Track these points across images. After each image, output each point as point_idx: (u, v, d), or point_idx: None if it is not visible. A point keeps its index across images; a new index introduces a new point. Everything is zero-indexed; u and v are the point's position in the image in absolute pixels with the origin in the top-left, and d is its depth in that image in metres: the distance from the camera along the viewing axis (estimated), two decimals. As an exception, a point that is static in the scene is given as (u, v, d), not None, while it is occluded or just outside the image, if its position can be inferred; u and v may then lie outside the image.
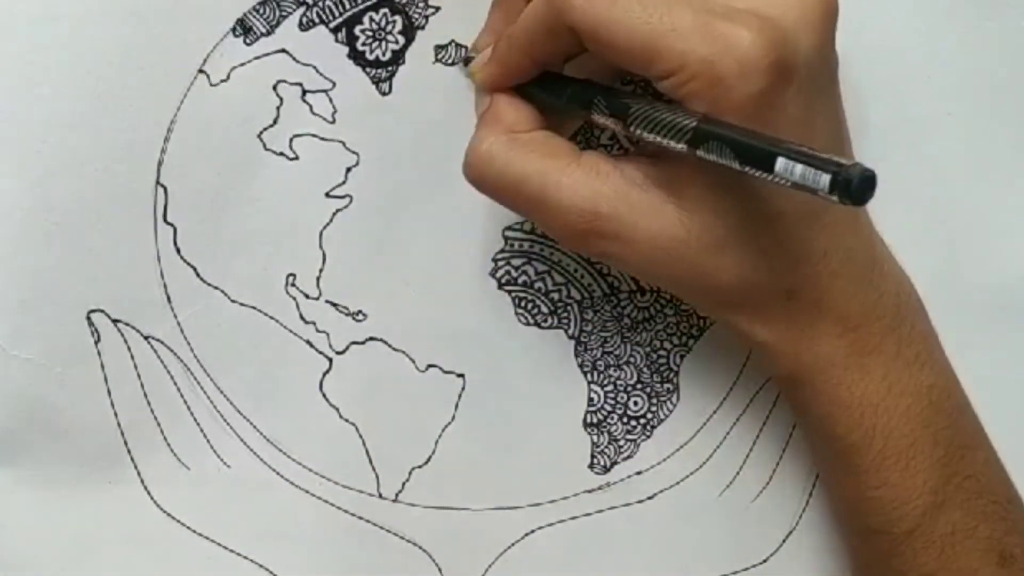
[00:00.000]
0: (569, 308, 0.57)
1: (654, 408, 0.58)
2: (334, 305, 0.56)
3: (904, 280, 0.52)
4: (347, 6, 0.54)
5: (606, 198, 0.48)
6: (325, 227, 0.56)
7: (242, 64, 0.54)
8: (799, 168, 0.42)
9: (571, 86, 0.50)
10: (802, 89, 0.46)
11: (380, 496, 0.58)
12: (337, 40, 0.54)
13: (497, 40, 0.51)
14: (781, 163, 0.42)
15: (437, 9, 0.54)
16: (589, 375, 0.58)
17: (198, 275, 0.56)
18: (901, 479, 0.51)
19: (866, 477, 0.51)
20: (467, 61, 0.53)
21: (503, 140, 0.50)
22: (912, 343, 0.51)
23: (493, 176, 0.49)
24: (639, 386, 0.58)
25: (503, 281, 0.57)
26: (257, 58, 0.54)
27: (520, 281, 0.57)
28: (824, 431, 0.52)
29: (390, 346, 0.57)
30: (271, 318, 0.56)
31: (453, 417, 0.58)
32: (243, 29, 0.54)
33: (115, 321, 0.56)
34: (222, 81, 0.54)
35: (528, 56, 0.50)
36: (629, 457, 0.58)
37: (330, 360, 0.57)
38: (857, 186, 0.41)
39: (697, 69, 0.45)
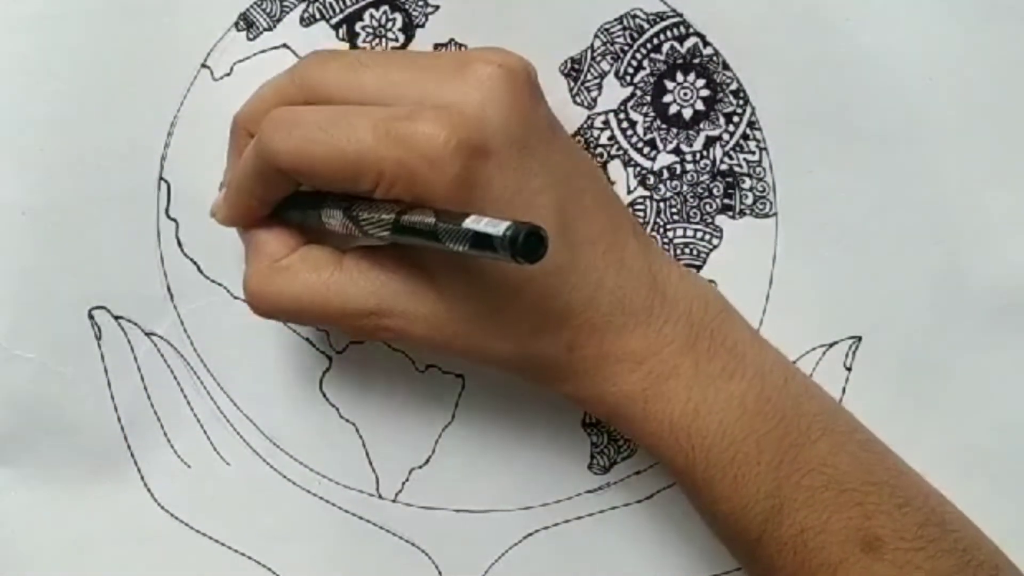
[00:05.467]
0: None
1: (653, 409, 0.58)
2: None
3: (698, 295, 0.53)
4: (348, 2, 0.54)
5: (374, 294, 0.50)
6: (326, 223, 0.56)
7: (244, 59, 0.55)
8: (470, 237, 0.44)
9: (303, 200, 0.52)
10: (504, 161, 0.48)
11: (379, 496, 0.58)
12: (338, 36, 0.54)
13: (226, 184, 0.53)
14: (447, 237, 0.45)
15: (436, 8, 0.54)
16: (588, 375, 0.58)
17: (200, 271, 0.56)
18: (733, 492, 0.51)
19: (703, 495, 0.52)
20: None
21: (265, 272, 0.51)
22: (714, 357, 0.52)
23: (269, 308, 0.51)
24: (638, 386, 0.58)
25: (503, 280, 0.57)
26: (259, 53, 0.55)
27: (520, 280, 0.57)
28: (654, 457, 0.53)
29: (389, 346, 0.57)
30: (272, 315, 0.56)
31: (452, 418, 0.58)
32: (246, 24, 0.54)
33: (117, 318, 0.56)
34: (225, 76, 0.55)
35: (253, 198, 0.52)
36: (628, 457, 0.58)
37: (330, 359, 0.57)
38: (523, 244, 0.42)
39: (394, 174, 0.47)
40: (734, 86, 0.55)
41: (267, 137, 0.49)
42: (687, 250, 0.56)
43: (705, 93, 0.56)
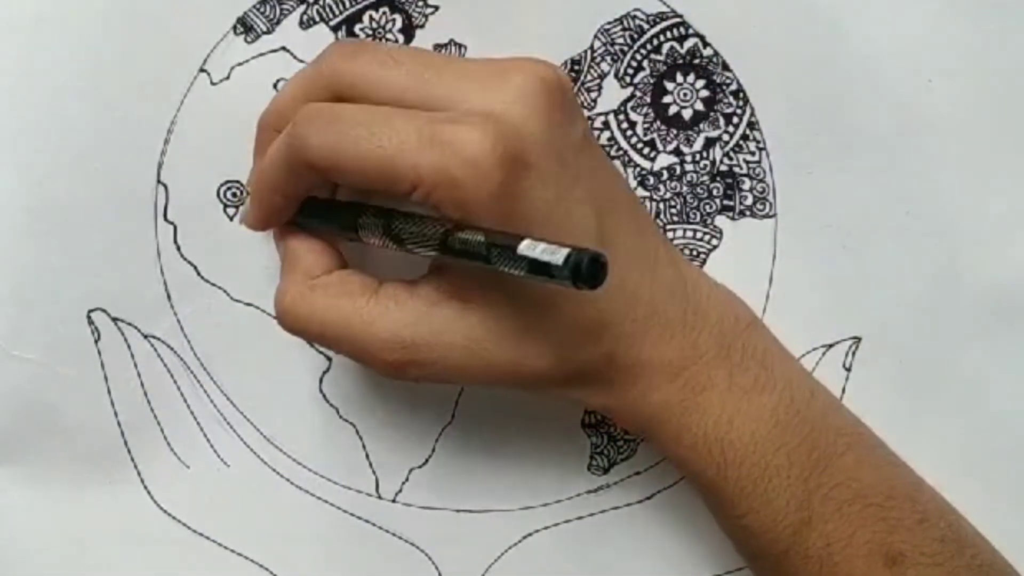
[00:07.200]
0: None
1: (653, 409, 0.58)
2: (334, 303, 0.56)
3: (728, 306, 0.53)
4: (347, 4, 0.54)
5: (408, 325, 0.49)
6: (325, 225, 0.56)
7: (243, 62, 0.54)
8: (527, 262, 0.44)
9: (337, 211, 0.52)
10: (544, 173, 0.48)
11: (379, 496, 0.58)
12: (337, 39, 0.54)
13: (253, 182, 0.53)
14: (500, 260, 0.44)
15: (436, 8, 0.54)
16: (588, 375, 0.58)
17: (199, 273, 0.56)
18: (763, 504, 0.51)
19: (732, 508, 0.52)
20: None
21: (301, 290, 0.51)
22: (746, 369, 0.52)
23: (298, 326, 0.51)
24: (638, 387, 0.58)
25: (502, 281, 0.57)
26: (258, 56, 0.54)
27: (519, 281, 0.57)
28: (682, 470, 0.53)
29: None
30: (271, 316, 0.56)
31: (452, 418, 0.58)
32: (244, 27, 0.54)
33: (115, 320, 0.56)
34: (223, 79, 0.54)
35: (278, 194, 0.51)
36: (628, 458, 0.58)
37: (329, 360, 0.57)
38: (587, 271, 0.42)
39: (434, 179, 0.46)
40: (734, 86, 0.55)
41: (302, 131, 0.48)
42: (687, 251, 0.56)
43: (705, 94, 0.56)
